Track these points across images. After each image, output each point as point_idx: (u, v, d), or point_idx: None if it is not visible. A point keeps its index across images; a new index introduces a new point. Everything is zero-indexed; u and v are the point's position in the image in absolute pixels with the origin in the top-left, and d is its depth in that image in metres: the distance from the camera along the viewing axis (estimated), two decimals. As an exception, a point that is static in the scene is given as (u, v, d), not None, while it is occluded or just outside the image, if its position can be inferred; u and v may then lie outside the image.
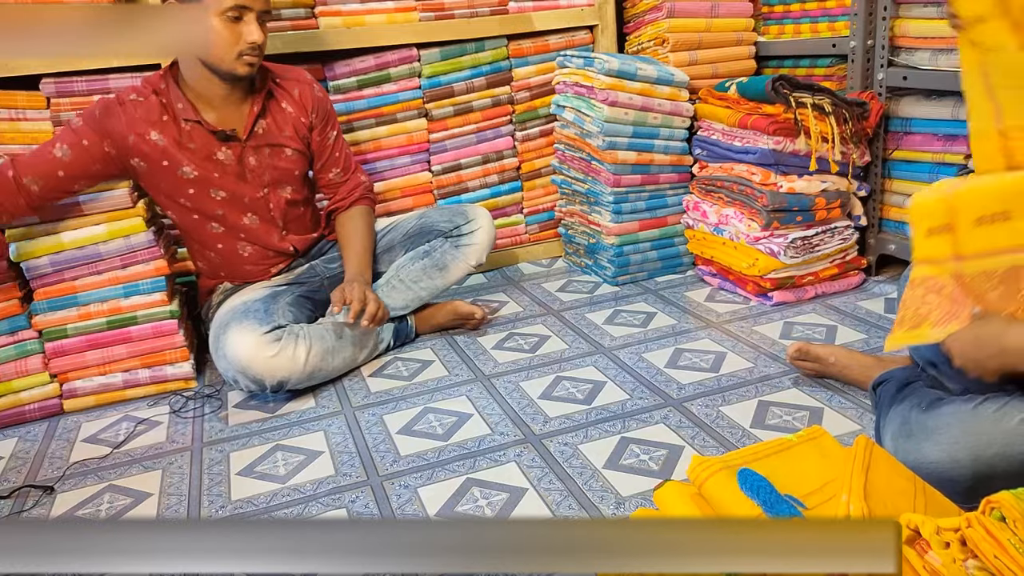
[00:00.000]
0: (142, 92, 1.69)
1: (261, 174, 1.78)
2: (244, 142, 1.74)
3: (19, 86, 1.82)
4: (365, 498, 1.33)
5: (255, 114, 1.74)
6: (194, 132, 1.70)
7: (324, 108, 1.86)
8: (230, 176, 1.75)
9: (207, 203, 1.75)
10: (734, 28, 2.34)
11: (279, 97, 1.80)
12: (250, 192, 1.78)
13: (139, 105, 1.67)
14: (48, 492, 1.42)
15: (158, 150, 1.68)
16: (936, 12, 1.84)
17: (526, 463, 1.39)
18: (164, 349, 1.76)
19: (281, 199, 1.82)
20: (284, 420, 1.62)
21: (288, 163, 1.81)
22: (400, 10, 2.18)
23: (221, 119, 1.73)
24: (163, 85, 1.69)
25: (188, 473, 1.45)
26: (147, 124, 1.67)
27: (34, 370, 1.69)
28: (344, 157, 1.91)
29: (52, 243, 1.66)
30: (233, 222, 1.79)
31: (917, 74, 1.91)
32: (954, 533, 0.80)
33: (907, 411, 1.21)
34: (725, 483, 0.96)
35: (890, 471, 1.00)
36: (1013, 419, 1.09)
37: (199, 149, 1.71)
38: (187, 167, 1.70)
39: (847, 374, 1.55)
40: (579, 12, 2.39)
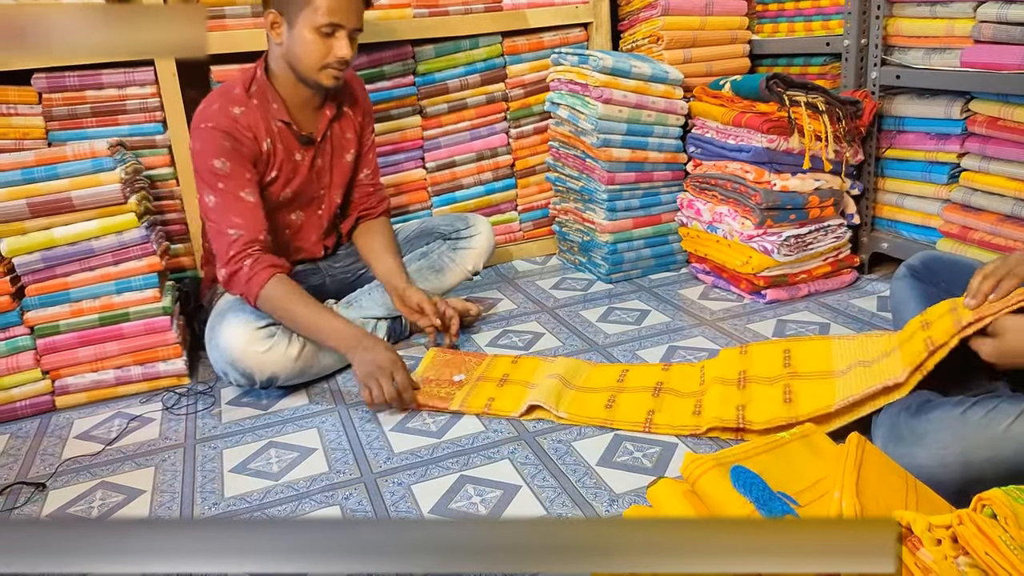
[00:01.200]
0: (239, 100, 1.68)
1: (324, 176, 1.83)
2: (319, 145, 1.79)
3: (10, 81, 1.81)
4: (359, 495, 1.32)
5: (329, 118, 1.79)
6: (282, 133, 1.74)
7: (370, 106, 1.93)
8: (301, 177, 1.79)
9: (271, 198, 1.77)
10: (728, 26, 2.34)
11: (343, 101, 1.84)
12: (312, 193, 1.83)
13: (247, 115, 1.68)
14: (40, 489, 1.42)
15: (266, 153, 1.72)
16: (929, 11, 1.84)
17: (520, 460, 1.39)
18: (156, 346, 1.75)
19: (334, 203, 1.88)
20: (277, 417, 1.62)
21: (346, 167, 1.88)
22: (395, 6, 2.18)
23: (303, 122, 1.77)
24: (254, 87, 1.71)
25: (181, 470, 1.45)
26: (259, 132, 1.70)
27: (26, 367, 1.68)
28: (375, 158, 1.97)
29: (44, 239, 1.65)
30: (283, 218, 1.83)
31: (910, 73, 1.91)
32: (946, 530, 0.80)
33: (896, 415, 1.21)
34: (718, 480, 0.96)
35: (882, 468, 1.01)
36: (1000, 424, 1.09)
37: (284, 149, 1.75)
38: (274, 169, 1.74)
39: None
40: (574, 9, 2.39)
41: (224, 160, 1.64)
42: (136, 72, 1.89)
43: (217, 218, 1.65)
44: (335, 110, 1.81)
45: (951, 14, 1.80)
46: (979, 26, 1.72)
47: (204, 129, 1.65)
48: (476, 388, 1.63)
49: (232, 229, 1.64)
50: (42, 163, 1.65)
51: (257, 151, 1.69)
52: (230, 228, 1.64)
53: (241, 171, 1.66)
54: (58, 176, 1.65)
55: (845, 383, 1.35)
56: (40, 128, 1.84)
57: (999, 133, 1.74)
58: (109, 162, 1.68)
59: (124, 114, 1.90)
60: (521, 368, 1.70)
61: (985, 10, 1.69)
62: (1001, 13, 1.66)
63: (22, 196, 1.63)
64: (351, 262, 1.98)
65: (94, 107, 1.87)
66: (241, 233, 1.63)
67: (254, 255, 1.63)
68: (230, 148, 1.65)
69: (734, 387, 1.48)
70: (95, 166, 1.67)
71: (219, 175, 1.64)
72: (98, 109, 1.88)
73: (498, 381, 1.65)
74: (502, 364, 1.72)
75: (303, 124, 1.77)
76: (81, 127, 1.87)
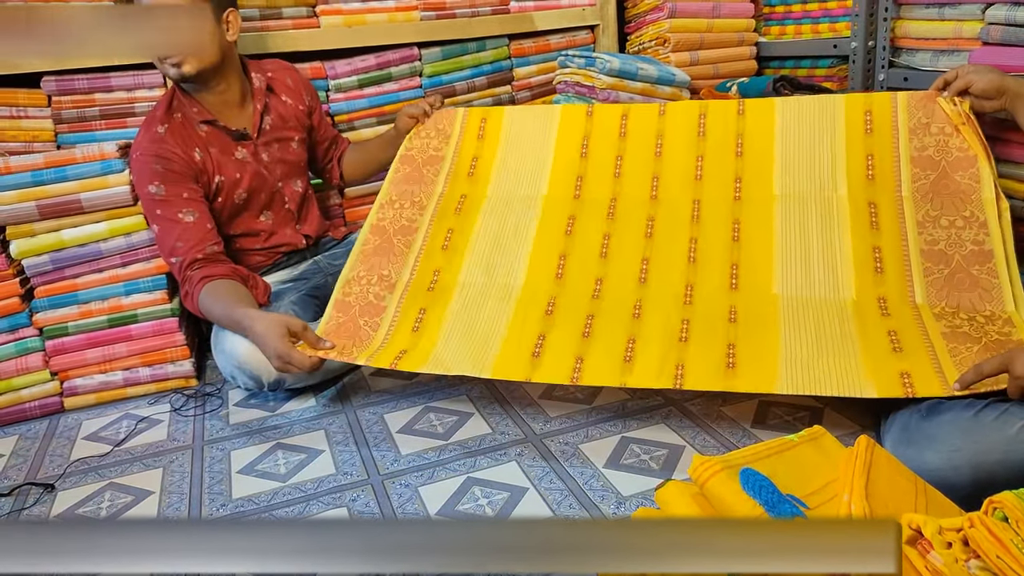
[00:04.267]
0: (161, 119, 1.70)
1: (273, 169, 1.84)
2: (256, 140, 1.80)
3: (20, 84, 1.82)
4: (366, 497, 1.33)
5: (259, 112, 1.80)
6: (211, 135, 1.74)
7: (312, 88, 1.97)
8: (249, 174, 1.79)
9: (229, 205, 1.79)
10: (735, 28, 2.34)
11: (277, 91, 1.87)
12: (267, 188, 1.83)
13: (171, 132, 1.69)
14: (49, 490, 1.42)
15: (201, 163, 1.72)
16: (937, 13, 1.84)
17: (527, 462, 1.39)
18: (165, 347, 1.76)
19: (295, 192, 1.90)
20: (285, 419, 1.62)
21: (295, 155, 1.89)
22: (401, 9, 2.18)
23: (231, 119, 1.78)
24: (174, 101, 1.72)
25: (189, 471, 1.45)
26: (187, 144, 1.70)
27: (35, 368, 1.69)
28: (330, 128, 2.04)
29: (53, 240, 1.66)
30: (254, 224, 1.84)
31: (918, 75, 1.91)
32: (956, 533, 0.80)
33: (907, 417, 1.21)
34: (727, 483, 0.96)
35: (891, 471, 1.01)
36: (1013, 427, 1.09)
37: (220, 152, 1.75)
38: (217, 175, 1.75)
39: None
40: (580, 12, 2.39)
41: (158, 184, 1.65)
42: (145, 75, 1.90)
43: (163, 247, 1.68)
44: (264, 103, 1.82)
45: (959, 16, 1.79)
46: (987, 28, 1.71)
47: (135, 159, 1.67)
48: (393, 332, 1.55)
49: (174, 257, 1.66)
50: (51, 165, 1.65)
51: (191, 164, 1.69)
52: (172, 256, 1.66)
53: (178, 191, 1.66)
54: (67, 178, 1.66)
55: (798, 366, 1.31)
56: (49, 131, 1.85)
57: (1006, 135, 1.73)
58: (118, 164, 1.69)
59: (133, 117, 1.90)
60: (438, 299, 1.59)
61: (994, 12, 1.69)
62: (1010, 15, 1.65)
63: (32, 198, 1.64)
64: None
65: (103, 110, 1.88)
66: (181, 258, 1.65)
67: (190, 275, 1.64)
68: (161, 171, 1.65)
69: (677, 323, 1.43)
70: (104, 168, 1.68)
71: (156, 201, 1.65)
72: (107, 112, 1.88)
73: (413, 324, 1.56)
74: (420, 290, 1.62)
75: (231, 121, 1.78)
76: (90, 130, 1.88)
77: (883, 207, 1.51)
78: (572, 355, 1.42)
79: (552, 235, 1.66)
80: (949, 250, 1.42)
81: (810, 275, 1.47)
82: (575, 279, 1.58)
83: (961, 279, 1.40)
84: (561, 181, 1.74)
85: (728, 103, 1.74)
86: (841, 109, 1.62)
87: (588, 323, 1.48)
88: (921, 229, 1.46)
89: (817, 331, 1.37)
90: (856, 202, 1.53)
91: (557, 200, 1.72)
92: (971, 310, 1.36)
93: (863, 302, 1.41)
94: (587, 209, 1.68)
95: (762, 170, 1.61)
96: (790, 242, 1.51)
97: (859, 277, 1.44)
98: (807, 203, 1.55)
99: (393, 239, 1.73)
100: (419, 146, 1.87)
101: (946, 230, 1.44)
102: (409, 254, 1.70)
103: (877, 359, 1.29)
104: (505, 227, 1.70)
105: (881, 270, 1.45)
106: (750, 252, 1.53)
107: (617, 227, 1.63)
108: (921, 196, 1.50)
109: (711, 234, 1.57)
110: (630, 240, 1.61)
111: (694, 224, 1.59)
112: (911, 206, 1.49)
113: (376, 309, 1.62)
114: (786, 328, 1.39)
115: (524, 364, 1.43)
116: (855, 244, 1.48)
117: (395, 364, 1.46)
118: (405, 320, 1.57)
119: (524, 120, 1.85)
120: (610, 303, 1.52)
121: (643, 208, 1.65)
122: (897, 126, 1.57)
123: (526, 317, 1.52)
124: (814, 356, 1.32)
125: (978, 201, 1.45)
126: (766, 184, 1.60)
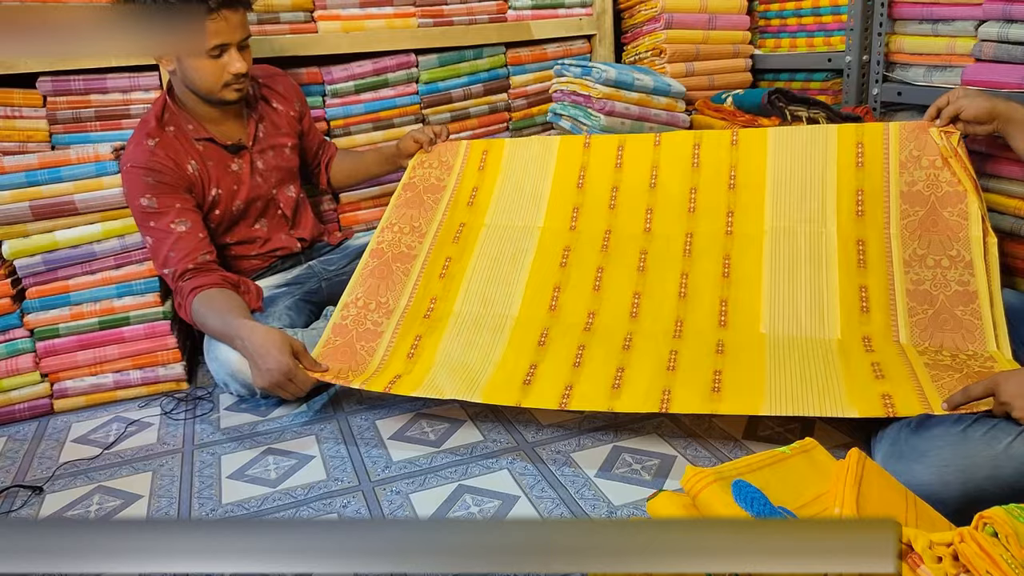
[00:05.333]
0: (153, 132, 1.69)
1: (268, 177, 1.85)
2: (251, 149, 1.81)
3: (15, 84, 1.81)
4: (356, 503, 1.32)
5: (256, 120, 1.82)
6: (208, 150, 1.74)
7: (301, 95, 1.98)
8: (246, 184, 1.80)
9: (226, 215, 1.79)
10: (731, 40, 2.36)
11: (270, 98, 1.88)
12: (263, 195, 1.84)
13: (162, 145, 1.69)
14: (37, 492, 1.41)
15: (195, 175, 1.72)
16: (931, 29, 1.86)
17: (518, 470, 1.39)
18: (156, 350, 1.75)
19: (289, 198, 1.90)
20: (276, 424, 1.62)
21: (288, 161, 1.90)
22: (399, 16, 2.19)
23: (226, 133, 1.78)
24: (166, 115, 1.72)
25: (179, 475, 1.45)
26: (180, 157, 1.70)
27: (25, 369, 1.68)
28: (320, 133, 2.06)
29: (46, 241, 1.66)
30: (249, 232, 1.85)
31: (911, 90, 1.93)
32: (947, 548, 0.80)
33: (897, 431, 1.21)
34: (719, 494, 0.96)
35: (882, 484, 1.01)
36: (1001, 442, 1.09)
37: (216, 165, 1.75)
38: (214, 188, 1.75)
39: None
40: (577, 21, 2.40)
41: (150, 196, 1.65)
42: (141, 77, 1.89)
43: (156, 258, 1.67)
44: (258, 112, 1.84)
45: (952, 32, 1.81)
46: (980, 45, 1.73)
47: (127, 171, 1.66)
48: (389, 358, 1.57)
49: (166, 268, 1.66)
50: (45, 166, 1.65)
51: (183, 176, 1.69)
52: (165, 268, 1.66)
53: (171, 202, 1.66)
54: (61, 179, 1.65)
55: (782, 394, 1.33)
56: (44, 131, 1.84)
57: (998, 152, 1.75)
58: (113, 166, 1.69)
59: (128, 119, 1.90)
60: (434, 327, 1.62)
61: (987, 29, 1.71)
62: (1002, 32, 1.67)
63: (25, 199, 1.63)
64: (345, 264, 1.98)
65: (98, 111, 1.87)
66: (173, 269, 1.64)
67: (182, 286, 1.64)
68: (153, 183, 1.65)
69: (665, 353, 1.45)
70: (98, 170, 1.67)
71: (148, 213, 1.65)
72: (102, 113, 1.88)
73: (408, 350, 1.58)
74: (415, 319, 1.65)
75: (228, 135, 1.78)
76: (85, 131, 1.87)
77: (871, 244, 1.53)
78: (562, 383, 1.45)
79: (547, 267, 1.69)
80: (934, 290, 1.45)
81: (797, 314, 1.49)
82: (568, 311, 1.61)
83: (945, 319, 1.43)
84: (558, 213, 1.77)
85: (722, 134, 1.75)
86: (833, 141, 1.64)
87: (579, 354, 1.51)
88: (907, 268, 1.49)
89: (802, 366, 1.39)
90: (845, 239, 1.55)
91: (553, 232, 1.74)
92: (954, 349, 1.39)
93: (848, 341, 1.44)
94: (582, 240, 1.71)
95: (754, 203, 1.64)
96: (779, 280, 1.54)
97: (845, 316, 1.47)
98: (797, 239, 1.58)
99: (392, 265, 1.75)
100: (422, 175, 1.89)
101: (932, 270, 1.46)
102: (407, 281, 1.72)
103: (860, 385, 1.32)
104: (502, 257, 1.72)
105: (867, 309, 1.47)
106: (739, 289, 1.55)
107: (611, 260, 1.66)
108: (909, 233, 1.51)
109: (702, 269, 1.60)
110: (623, 274, 1.64)
111: (686, 259, 1.62)
112: (899, 244, 1.51)
113: (373, 335, 1.63)
114: (772, 363, 1.41)
115: (515, 390, 1.45)
116: (842, 283, 1.50)
117: (389, 388, 1.49)
118: (401, 346, 1.59)
119: (524, 151, 1.88)
120: (602, 335, 1.54)
121: (637, 241, 1.68)
122: (888, 159, 1.58)
123: (520, 347, 1.54)
124: (798, 386, 1.35)
125: (965, 240, 1.47)
126: (757, 218, 1.62)
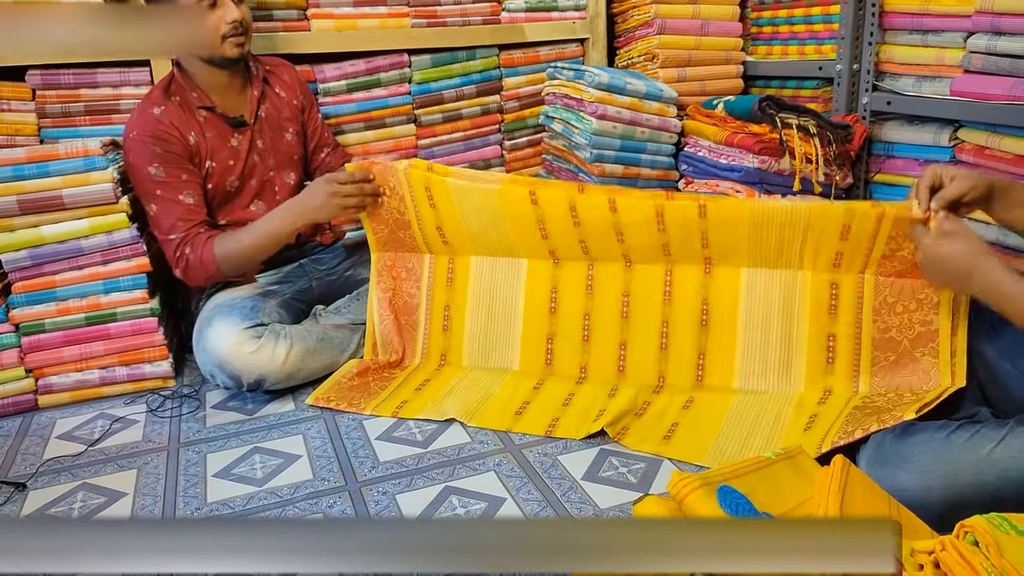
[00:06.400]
0: (158, 101, 1.70)
1: (267, 157, 1.84)
2: (252, 127, 1.80)
3: (4, 77, 1.80)
4: (343, 503, 1.32)
5: (256, 99, 1.81)
6: (209, 121, 1.74)
7: (307, 89, 1.97)
8: (242, 161, 1.79)
9: (220, 190, 1.78)
10: (723, 47, 2.37)
11: (273, 83, 1.87)
12: (259, 175, 1.83)
13: (167, 113, 1.69)
14: (20, 489, 1.40)
15: (195, 146, 1.72)
16: (920, 40, 1.87)
17: (505, 472, 1.39)
18: (143, 347, 1.74)
19: (287, 184, 1.88)
20: (263, 422, 1.61)
21: (289, 147, 1.89)
22: (393, 15, 2.19)
23: (229, 106, 1.77)
24: (172, 84, 1.72)
25: (164, 473, 1.44)
26: (184, 127, 1.70)
27: (9, 364, 1.67)
28: (331, 135, 2.03)
29: (32, 236, 1.64)
30: (245, 214, 1.82)
31: (901, 99, 1.94)
32: (928, 556, 0.81)
33: (881, 437, 1.22)
34: (705, 499, 0.97)
35: (866, 492, 1.02)
36: (983, 448, 1.10)
37: (216, 137, 1.75)
38: (208, 160, 1.74)
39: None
40: (571, 25, 2.41)
41: (157, 165, 1.65)
42: (131, 72, 1.88)
43: (161, 225, 1.67)
44: (261, 90, 1.83)
45: (942, 43, 1.83)
46: (969, 56, 1.74)
47: (132, 139, 1.66)
48: (398, 389, 1.70)
49: (173, 234, 1.66)
50: (33, 160, 1.64)
51: (187, 147, 1.70)
52: (171, 233, 1.67)
53: (177, 172, 1.67)
54: (49, 174, 1.64)
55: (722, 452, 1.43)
56: (33, 125, 1.83)
57: (986, 162, 1.76)
58: (101, 161, 1.67)
59: (118, 113, 1.89)
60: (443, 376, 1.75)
61: (975, 41, 1.72)
62: (991, 44, 1.69)
63: (12, 193, 1.62)
64: (336, 263, 1.98)
65: (88, 105, 1.86)
66: (182, 234, 1.66)
67: (197, 238, 1.66)
68: (160, 152, 1.65)
69: (638, 406, 1.57)
70: (87, 165, 1.66)
71: (156, 182, 1.66)
72: (92, 108, 1.87)
73: (417, 386, 1.71)
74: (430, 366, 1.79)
75: (230, 107, 1.78)
76: (74, 125, 1.86)
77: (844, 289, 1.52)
78: (550, 417, 1.56)
79: (538, 315, 1.73)
80: (899, 336, 1.47)
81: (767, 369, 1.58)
82: (562, 364, 1.71)
83: (905, 363, 1.45)
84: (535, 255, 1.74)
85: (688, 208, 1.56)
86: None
87: (568, 399, 1.63)
88: (876, 316, 1.48)
89: (752, 425, 1.48)
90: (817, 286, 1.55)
91: (538, 272, 1.74)
92: (906, 389, 1.43)
93: (808, 394, 1.52)
94: (565, 277, 1.74)
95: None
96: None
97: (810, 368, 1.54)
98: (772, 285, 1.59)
99: (400, 319, 1.82)
100: (385, 205, 1.76)
101: (900, 316, 1.46)
102: (417, 337, 1.81)
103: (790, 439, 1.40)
104: (495, 303, 1.76)
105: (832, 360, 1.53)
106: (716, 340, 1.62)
107: (596, 305, 1.70)
108: (883, 280, 1.49)
109: (680, 318, 1.64)
110: (608, 320, 1.69)
111: (666, 305, 1.66)
112: (871, 290, 1.50)
113: (387, 377, 1.76)
114: (727, 421, 1.50)
115: (508, 419, 1.57)
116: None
117: (396, 413, 1.61)
118: (411, 382, 1.73)
119: (469, 193, 1.68)
120: (592, 385, 1.66)
121: (619, 280, 1.70)
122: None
123: (516, 388, 1.67)
124: (739, 446, 1.43)
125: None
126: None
